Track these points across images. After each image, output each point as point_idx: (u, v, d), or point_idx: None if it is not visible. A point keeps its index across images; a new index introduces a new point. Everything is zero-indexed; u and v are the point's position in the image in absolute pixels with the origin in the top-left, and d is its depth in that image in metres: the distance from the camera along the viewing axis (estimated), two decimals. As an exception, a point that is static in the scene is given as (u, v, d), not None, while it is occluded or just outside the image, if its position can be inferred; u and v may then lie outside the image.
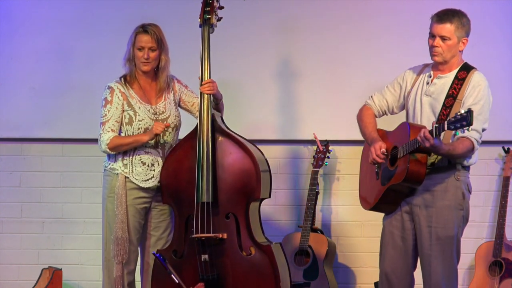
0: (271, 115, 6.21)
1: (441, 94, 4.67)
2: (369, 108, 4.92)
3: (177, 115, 5.13)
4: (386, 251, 4.78)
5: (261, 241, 4.90)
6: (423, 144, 4.42)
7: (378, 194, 4.74)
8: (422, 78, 4.79)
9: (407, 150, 4.54)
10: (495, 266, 5.91)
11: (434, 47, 4.66)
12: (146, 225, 5.09)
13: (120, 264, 4.97)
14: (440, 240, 4.63)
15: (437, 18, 4.66)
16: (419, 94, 4.74)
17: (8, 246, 6.29)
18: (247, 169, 4.88)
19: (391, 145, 4.71)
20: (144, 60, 4.99)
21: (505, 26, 6.10)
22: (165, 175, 4.98)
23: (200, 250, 4.84)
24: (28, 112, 6.24)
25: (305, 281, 5.83)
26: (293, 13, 6.18)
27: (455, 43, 4.67)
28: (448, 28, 4.63)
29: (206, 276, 4.85)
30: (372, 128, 4.84)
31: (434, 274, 4.64)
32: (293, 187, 6.26)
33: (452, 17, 4.64)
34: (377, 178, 4.76)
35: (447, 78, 4.70)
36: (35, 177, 6.31)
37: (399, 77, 4.88)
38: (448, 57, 4.68)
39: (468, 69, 4.72)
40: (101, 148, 5.02)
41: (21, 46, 6.26)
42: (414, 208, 4.68)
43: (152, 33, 4.98)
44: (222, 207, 4.88)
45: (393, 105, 4.89)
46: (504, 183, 6.04)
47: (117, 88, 5.03)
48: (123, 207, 4.96)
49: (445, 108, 4.63)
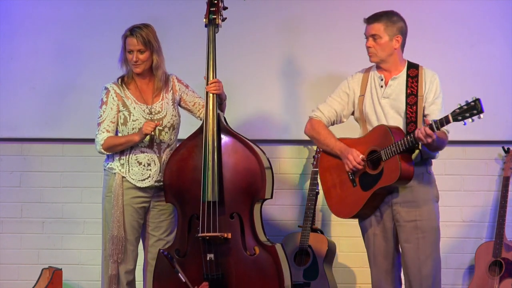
0: (271, 115, 6.21)
1: (400, 95, 4.77)
2: (319, 120, 4.92)
3: (175, 115, 5.13)
4: (375, 256, 4.84)
5: (265, 241, 4.91)
6: (425, 140, 4.50)
7: (360, 200, 4.75)
8: (371, 82, 4.86)
9: (395, 151, 4.60)
10: (495, 266, 5.91)
11: (368, 48, 4.80)
12: (145, 224, 5.10)
13: (115, 263, 4.99)
14: (426, 233, 4.73)
15: (367, 20, 4.81)
16: (375, 98, 4.81)
17: (8, 246, 6.29)
18: (253, 169, 4.90)
19: (365, 150, 4.74)
20: (133, 62, 5.03)
21: (505, 26, 6.10)
22: (169, 174, 4.99)
23: (206, 249, 4.86)
24: (28, 112, 6.24)
25: (305, 281, 5.84)
26: (296, 13, 6.17)
27: (387, 41, 4.77)
28: (377, 27, 4.75)
29: (210, 276, 4.86)
30: (334, 138, 4.87)
31: (424, 267, 4.72)
32: (293, 187, 6.26)
33: (380, 16, 4.78)
34: (354, 185, 4.78)
35: (400, 78, 4.80)
36: (35, 177, 6.30)
37: (343, 87, 4.92)
38: (384, 56, 4.79)
39: (415, 66, 4.84)
40: (96, 148, 5.07)
41: (21, 46, 6.26)
42: (395, 206, 4.75)
43: (138, 36, 5.00)
44: (227, 206, 4.90)
45: (341, 114, 4.93)
46: (504, 183, 6.04)
47: (113, 89, 5.07)
48: (120, 206, 4.98)
49: (410, 106, 4.73)
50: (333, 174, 4.86)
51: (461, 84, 6.02)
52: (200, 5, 5.03)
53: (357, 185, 4.76)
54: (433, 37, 6.10)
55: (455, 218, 6.16)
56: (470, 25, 6.13)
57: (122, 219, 4.98)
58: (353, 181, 4.77)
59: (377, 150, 4.69)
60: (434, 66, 5.17)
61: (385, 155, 4.64)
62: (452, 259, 6.13)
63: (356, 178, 4.76)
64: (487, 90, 6.07)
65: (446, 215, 6.05)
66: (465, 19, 6.13)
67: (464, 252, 6.16)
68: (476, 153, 6.10)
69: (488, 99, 6.03)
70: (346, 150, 4.77)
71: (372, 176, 4.70)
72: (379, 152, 4.68)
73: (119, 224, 4.97)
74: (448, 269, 6.13)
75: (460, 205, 6.17)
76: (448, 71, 5.88)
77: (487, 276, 5.91)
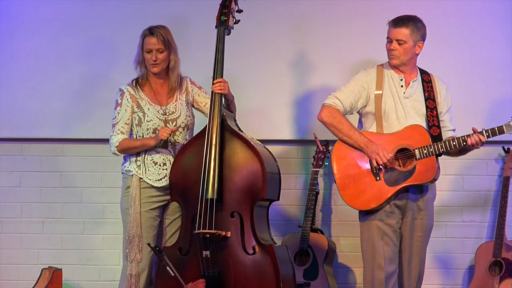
0: (271, 115, 6.21)
1: (419, 96, 4.92)
2: (337, 109, 4.95)
3: (189, 115, 5.19)
4: (379, 246, 4.88)
5: (265, 241, 4.92)
6: (476, 147, 4.78)
7: (384, 194, 4.84)
8: (388, 81, 4.93)
9: (433, 152, 4.77)
10: (495, 266, 5.91)
11: (391, 51, 4.88)
12: (162, 221, 5.16)
13: (133, 263, 5.02)
14: (427, 232, 4.94)
15: (393, 23, 4.88)
16: (396, 97, 4.90)
17: (8, 246, 6.29)
18: (254, 169, 4.91)
19: (393, 147, 4.84)
20: (153, 62, 5.06)
21: (505, 26, 6.10)
22: (174, 173, 5.03)
23: (202, 246, 4.87)
24: (28, 112, 6.24)
25: (305, 281, 5.84)
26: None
27: (411, 46, 4.87)
28: (404, 32, 4.85)
29: (207, 273, 4.88)
30: (358, 131, 4.94)
31: (421, 264, 4.93)
32: (293, 187, 6.25)
33: (407, 21, 4.86)
34: (377, 179, 4.85)
35: (418, 81, 4.94)
36: (35, 177, 6.30)
37: (359, 81, 4.96)
38: (405, 60, 4.90)
39: (426, 72, 5.00)
40: (111, 149, 5.12)
41: (21, 46, 6.26)
42: (408, 203, 4.87)
43: (158, 35, 5.05)
44: (227, 205, 4.91)
45: (356, 106, 4.98)
46: (504, 183, 6.04)
47: (127, 91, 5.11)
48: (137, 207, 5.04)
49: (430, 110, 4.88)
50: (351, 165, 4.92)
51: (461, 84, 6.02)
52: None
53: (381, 179, 4.84)
54: (433, 37, 6.09)
55: (455, 218, 6.17)
56: (470, 25, 6.13)
57: (139, 219, 5.03)
58: (377, 175, 4.85)
59: (410, 149, 4.81)
60: (434, 66, 5.20)
61: (420, 154, 4.77)
62: (452, 259, 6.13)
63: (381, 173, 4.84)
64: (487, 90, 6.07)
65: (446, 215, 6.06)
66: (465, 19, 6.13)
67: (464, 252, 6.16)
68: (476, 153, 6.06)
69: (488, 99, 6.07)
70: (373, 145, 4.84)
71: (402, 173, 4.81)
72: (411, 150, 4.80)
73: (137, 224, 5.03)
74: (448, 269, 6.14)
75: (460, 205, 6.17)
76: (448, 71, 5.87)
77: (487, 276, 5.91)
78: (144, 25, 5.18)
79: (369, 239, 4.91)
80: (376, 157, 4.82)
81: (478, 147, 4.80)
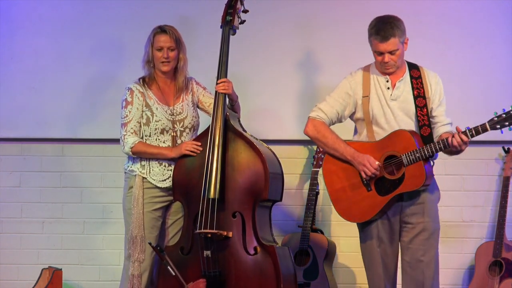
0: (271, 115, 6.21)
1: (408, 96, 4.78)
2: (322, 122, 4.86)
3: (195, 116, 5.19)
4: (377, 255, 4.84)
5: (266, 242, 4.92)
6: (460, 148, 4.58)
7: (377, 205, 4.73)
8: (374, 83, 4.82)
9: (420, 157, 4.61)
10: (495, 266, 5.91)
11: (385, 63, 4.73)
12: (164, 221, 5.15)
13: (135, 263, 5.01)
14: (431, 234, 4.76)
15: (381, 38, 4.68)
16: (383, 100, 4.78)
17: (8, 246, 6.29)
18: (256, 169, 4.92)
19: (380, 155, 4.72)
20: (164, 59, 5.05)
21: (505, 26, 6.11)
22: (177, 173, 5.04)
23: (203, 246, 4.87)
24: (28, 112, 6.24)
25: (305, 281, 5.84)
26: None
27: (402, 49, 4.75)
28: (394, 42, 4.69)
29: (208, 272, 4.88)
30: (344, 143, 4.81)
31: (428, 268, 4.74)
32: (293, 187, 6.25)
33: (391, 29, 4.67)
34: (369, 190, 4.75)
35: (405, 80, 4.80)
36: (35, 177, 6.30)
37: (344, 87, 4.86)
38: (400, 63, 4.78)
39: (415, 66, 4.85)
40: (123, 149, 5.08)
41: (21, 46, 6.26)
42: (404, 209, 4.76)
43: (170, 33, 5.05)
44: (229, 205, 4.92)
45: (343, 115, 4.88)
46: (504, 183, 6.04)
47: (136, 89, 5.09)
48: (140, 207, 5.03)
49: (420, 109, 4.74)
50: (341, 178, 4.81)
51: (461, 84, 6.02)
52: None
53: (372, 189, 4.73)
54: (433, 37, 6.10)
55: (455, 218, 6.16)
56: (470, 25, 6.13)
57: (142, 219, 5.02)
58: (368, 185, 4.74)
59: (397, 155, 4.68)
60: (434, 66, 5.17)
61: (407, 161, 4.64)
62: (452, 259, 6.13)
63: (371, 183, 4.73)
64: (487, 90, 6.07)
65: (446, 215, 6.06)
66: (465, 19, 6.13)
67: (464, 252, 6.16)
68: (476, 153, 6.09)
69: (488, 99, 6.07)
70: (359, 156, 4.72)
71: (391, 181, 4.69)
72: (399, 157, 4.67)
73: (139, 224, 5.02)
74: (448, 269, 6.13)
75: (460, 205, 6.17)
76: (448, 71, 5.87)
77: (487, 276, 5.92)
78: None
79: (366, 248, 4.85)
80: (363, 168, 4.69)
81: (462, 147, 4.61)
